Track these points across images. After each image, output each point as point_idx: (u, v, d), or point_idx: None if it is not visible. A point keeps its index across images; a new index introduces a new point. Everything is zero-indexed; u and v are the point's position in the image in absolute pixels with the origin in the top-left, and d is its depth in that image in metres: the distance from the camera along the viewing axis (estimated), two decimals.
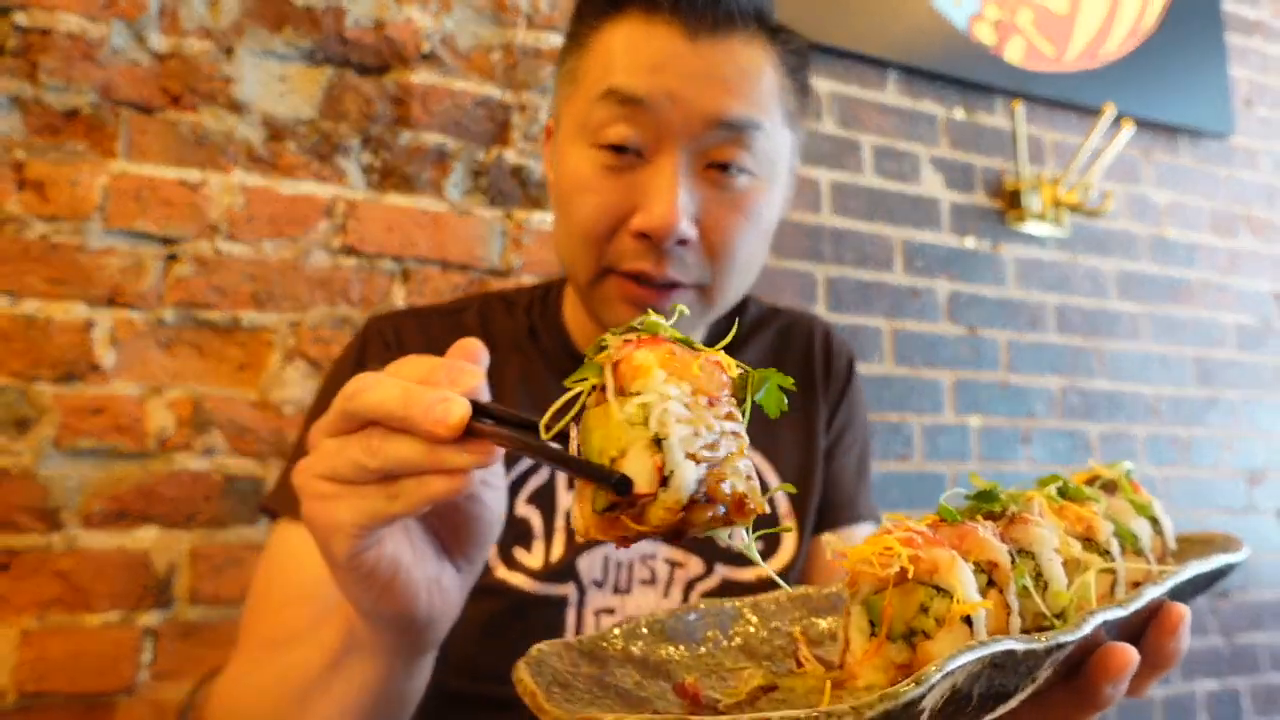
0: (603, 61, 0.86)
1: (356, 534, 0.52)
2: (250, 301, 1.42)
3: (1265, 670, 2.30)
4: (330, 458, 0.52)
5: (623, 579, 0.92)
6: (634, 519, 0.40)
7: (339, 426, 0.52)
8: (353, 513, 0.51)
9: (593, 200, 0.86)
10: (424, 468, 0.49)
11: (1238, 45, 2.59)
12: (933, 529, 0.48)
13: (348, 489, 0.51)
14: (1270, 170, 2.60)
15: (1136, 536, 0.58)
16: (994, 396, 2.09)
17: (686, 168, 0.85)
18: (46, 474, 1.28)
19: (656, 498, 0.39)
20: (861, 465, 1.12)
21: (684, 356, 0.42)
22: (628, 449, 0.40)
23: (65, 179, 1.33)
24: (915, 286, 2.04)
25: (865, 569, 0.46)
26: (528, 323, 1.04)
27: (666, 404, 0.40)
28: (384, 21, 1.57)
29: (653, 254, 0.85)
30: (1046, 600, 0.48)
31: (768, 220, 0.92)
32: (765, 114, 0.86)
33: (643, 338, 0.43)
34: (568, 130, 0.90)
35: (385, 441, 0.49)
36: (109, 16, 1.38)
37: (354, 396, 0.50)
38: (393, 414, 0.48)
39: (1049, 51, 2.25)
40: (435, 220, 1.57)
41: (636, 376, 0.41)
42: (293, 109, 1.49)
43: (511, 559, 0.91)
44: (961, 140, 2.16)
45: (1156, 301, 2.35)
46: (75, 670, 1.25)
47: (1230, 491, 2.36)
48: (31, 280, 1.30)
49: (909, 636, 0.45)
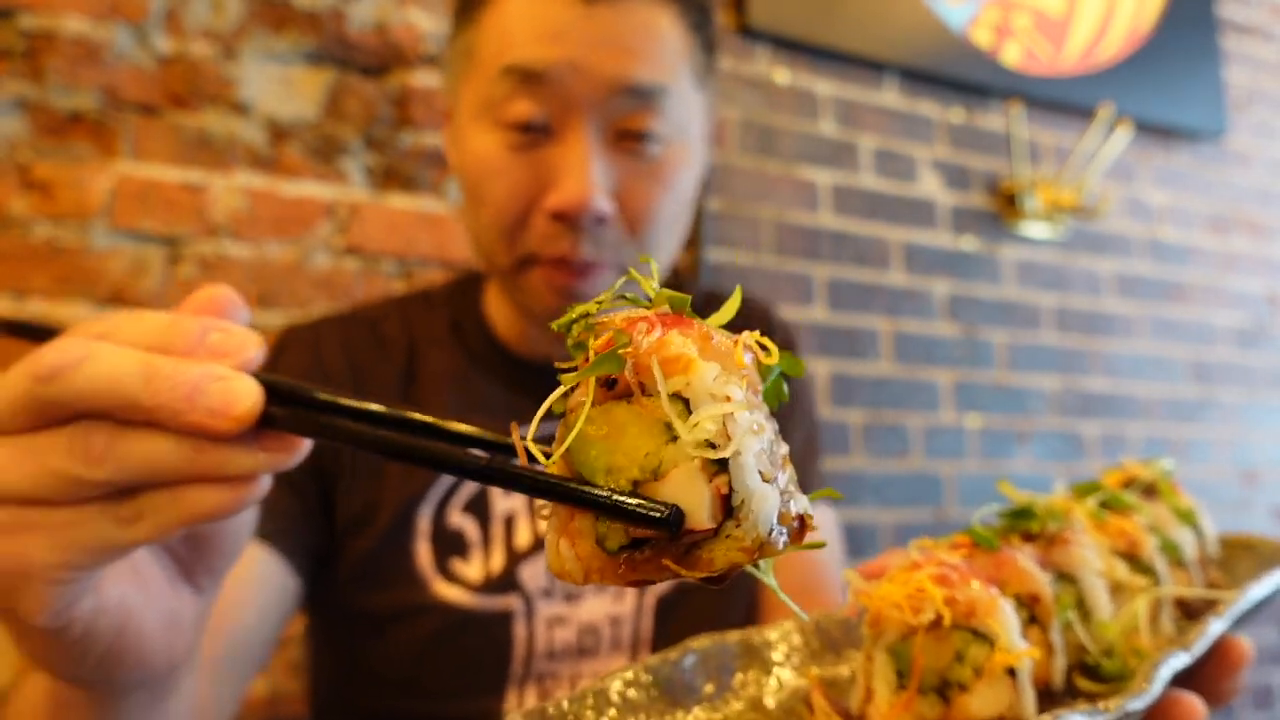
0: (498, 35, 0.81)
1: (64, 580, 0.36)
2: (253, 301, 1.43)
3: (1264, 669, 2.31)
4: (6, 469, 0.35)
5: (574, 589, 0.85)
6: (679, 560, 0.30)
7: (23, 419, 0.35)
8: (57, 549, 0.35)
9: (502, 183, 0.80)
10: (186, 475, 0.35)
11: (1233, 48, 2.61)
12: (967, 559, 0.42)
13: (44, 514, 0.35)
14: (1264, 172, 2.62)
15: (1179, 547, 0.54)
16: (991, 396, 2.10)
17: (597, 140, 0.80)
18: None
19: (724, 536, 0.30)
20: (808, 449, 1.03)
21: (722, 342, 0.33)
22: (668, 469, 0.30)
23: (70, 180, 1.34)
24: (913, 287, 2.05)
25: (894, 614, 0.39)
26: (449, 317, 0.97)
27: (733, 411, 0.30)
28: (385, 24, 1.58)
29: (570, 235, 0.80)
30: (1090, 632, 0.43)
31: (686, 188, 0.86)
32: (672, 77, 0.82)
33: (667, 316, 0.32)
34: (467, 110, 0.84)
35: (117, 440, 0.34)
36: (113, 20, 1.39)
37: (55, 378, 0.34)
38: (133, 401, 0.34)
39: (1046, 54, 2.26)
40: (436, 221, 1.58)
41: (675, 371, 0.30)
42: (295, 111, 1.50)
43: (449, 571, 0.84)
44: (959, 142, 2.17)
45: (1152, 302, 2.37)
46: None
47: (1226, 491, 2.37)
48: (37, 280, 1.31)
49: (942, 689, 0.39)
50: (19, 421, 0.35)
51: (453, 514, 0.86)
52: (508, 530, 0.86)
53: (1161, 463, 0.59)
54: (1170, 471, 0.59)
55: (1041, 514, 0.47)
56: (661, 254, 0.86)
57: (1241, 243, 2.54)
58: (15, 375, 0.34)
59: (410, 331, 0.95)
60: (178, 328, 0.36)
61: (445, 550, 0.85)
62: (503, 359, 0.93)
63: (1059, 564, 0.45)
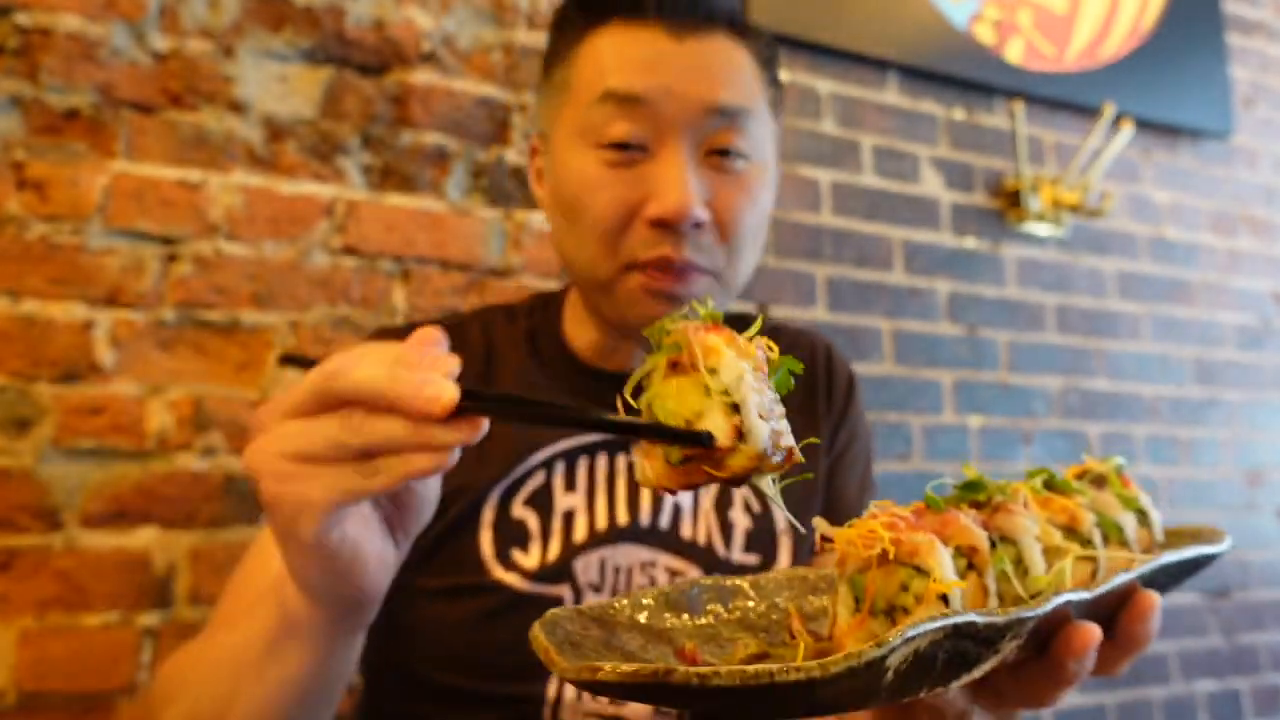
0: (594, 67, 0.89)
1: (329, 511, 0.52)
2: (250, 301, 1.42)
3: (1266, 670, 2.30)
4: (298, 437, 0.52)
5: (621, 584, 0.92)
6: (714, 467, 0.48)
7: (310, 406, 0.52)
8: (327, 490, 0.51)
9: (604, 196, 0.87)
10: (409, 445, 0.50)
11: (1238, 45, 2.59)
12: (917, 515, 0.52)
13: (319, 467, 0.51)
14: (1270, 170, 2.60)
15: (1121, 528, 0.60)
16: (994, 397, 2.09)
17: (691, 156, 0.88)
18: (46, 474, 1.28)
19: (737, 449, 0.48)
20: (864, 482, 1.13)
21: (742, 341, 0.51)
22: (704, 412, 0.48)
23: (65, 179, 1.33)
24: (915, 286, 2.04)
25: (852, 550, 0.50)
26: (527, 330, 1.05)
27: (744, 376, 0.48)
28: (384, 21, 1.57)
29: (670, 239, 0.87)
30: (1025, 585, 0.52)
31: (766, 204, 0.95)
32: (752, 101, 0.91)
33: (707, 324, 0.51)
34: (564, 138, 0.92)
35: (369, 421, 0.50)
36: (109, 17, 1.39)
37: (335, 375, 0.50)
38: (382, 394, 0.49)
39: (1049, 51, 2.25)
40: (435, 220, 1.57)
41: (709, 355, 0.49)
42: (293, 109, 1.49)
43: (509, 560, 0.91)
44: (961, 140, 2.16)
45: (1156, 302, 2.35)
46: (74, 670, 1.25)
47: (1230, 491, 2.36)
48: (31, 280, 1.30)
49: (890, 612, 0.49)
50: (309, 407, 0.52)
51: (516, 506, 0.94)
52: (566, 525, 0.93)
53: (1114, 459, 0.66)
54: (1121, 465, 0.66)
55: (990, 488, 0.56)
56: (745, 261, 0.94)
57: (1247, 242, 2.52)
58: (310, 378, 0.52)
59: (489, 339, 1.04)
60: (407, 350, 0.52)
61: (507, 540, 0.92)
62: (571, 367, 1.02)
63: (1000, 528, 0.54)
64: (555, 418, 0.59)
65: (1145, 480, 2.25)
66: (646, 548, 0.94)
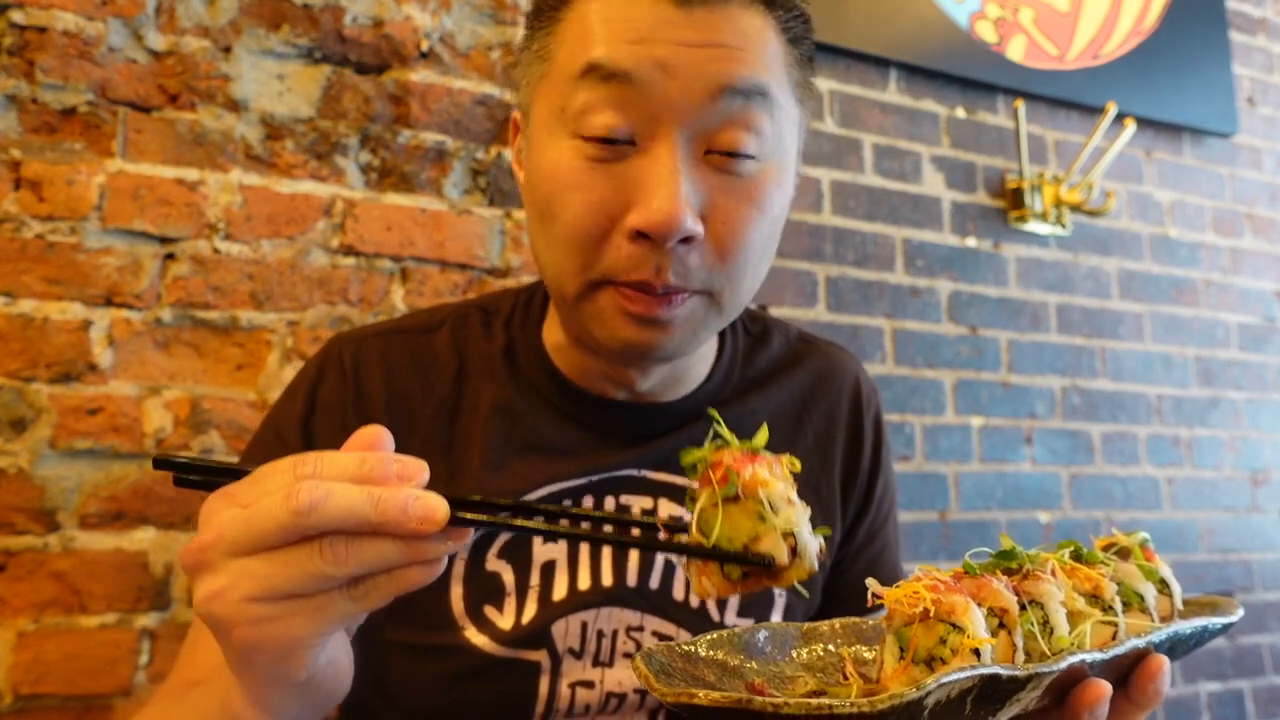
0: (579, 35, 0.74)
1: (317, 645, 0.50)
2: (248, 301, 1.42)
3: (1269, 672, 2.29)
4: (272, 577, 0.48)
5: (604, 651, 0.83)
6: (771, 579, 0.57)
7: (277, 543, 0.48)
8: (316, 624, 0.49)
9: (579, 198, 0.73)
10: (401, 564, 0.49)
11: (1241, 43, 2.58)
12: (955, 579, 0.59)
13: (300, 602, 0.48)
14: (1274, 169, 2.59)
15: (1142, 596, 0.67)
16: (995, 396, 2.08)
17: (686, 153, 0.72)
18: (43, 474, 1.27)
19: (794, 566, 0.57)
20: (896, 532, 1.07)
21: (779, 465, 0.60)
22: (763, 536, 0.56)
23: (62, 178, 1.33)
24: (916, 286, 2.03)
25: (899, 608, 0.57)
26: (505, 340, 0.92)
27: (792, 501, 0.57)
28: (383, 20, 1.57)
29: (653, 259, 0.72)
30: (1049, 644, 0.58)
31: (779, 211, 0.79)
32: (773, 79, 0.74)
33: (751, 454, 0.59)
34: (542, 118, 0.78)
35: (353, 547, 0.48)
36: (106, 15, 1.38)
37: (312, 512, 0.47)
38: (366, 521, 0.47)
39: (1051, 50, 2.24)
40: (434, 219, 1.56)
41: (759, 485, 0.57)
42: (291, 108, 1.49)
43: (481, 618, 0.82)
44: (963, 139, 2.15)
45: (1159, 301, 2.34)
46: (72, 672, 1.25)
47: (1233, 492, 2.35)
48: (28, 280, 1.29)
49: (929, 662, 0.55)
50: (278, 541, 0.48)
51: (490, 559, 0.84)
52: (545, 580, 0.83)
53: (1139, 534, 0.72)
54: (1146, 540, 0.72)
55: (1021, 557, 0.63)
56: (749, 280, 0.79)
57: (1250, 241, 2.51)
58: (274, 509, 0.47)
59: (461, 354, 0.90)
60: (369, 464, 0.49)
61: (478, 595, 0.83)
62: (555, 388, 0.89)
63: (1029, 592, 0.60)
64: (591, 538, 0.59)
65: (1147, 481, 2.24)
66: (634, 611, 0.84)
